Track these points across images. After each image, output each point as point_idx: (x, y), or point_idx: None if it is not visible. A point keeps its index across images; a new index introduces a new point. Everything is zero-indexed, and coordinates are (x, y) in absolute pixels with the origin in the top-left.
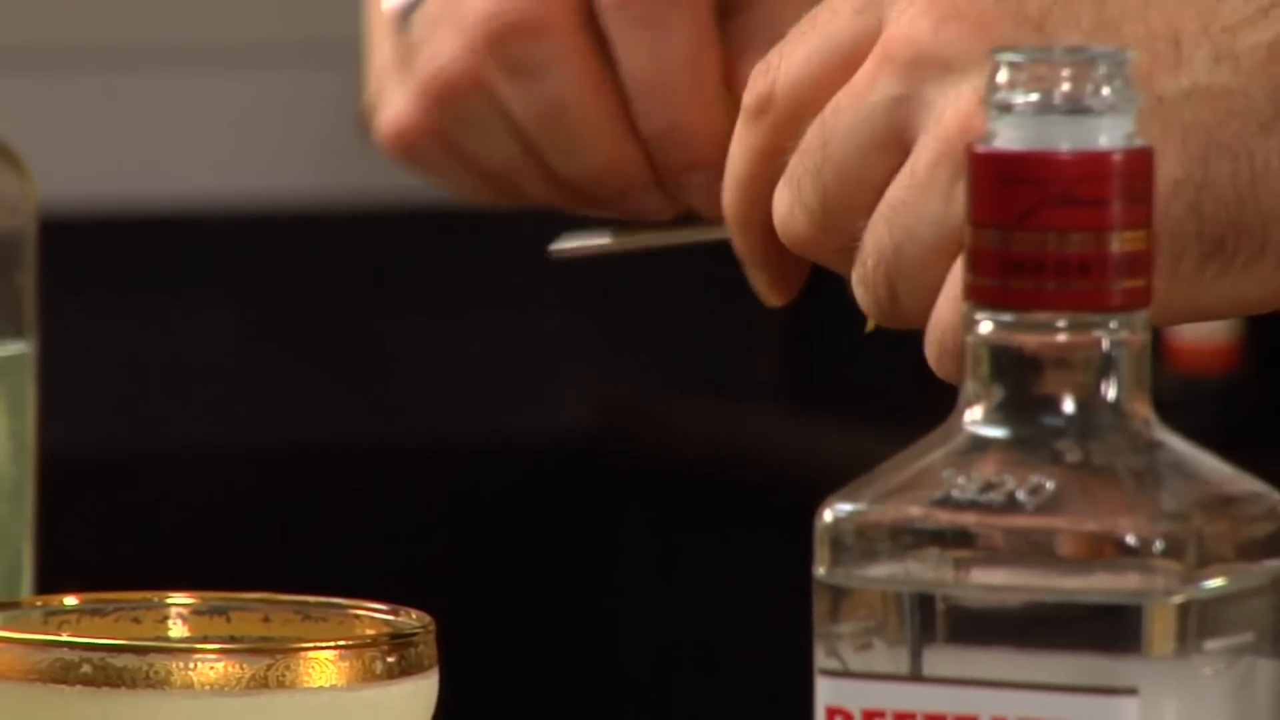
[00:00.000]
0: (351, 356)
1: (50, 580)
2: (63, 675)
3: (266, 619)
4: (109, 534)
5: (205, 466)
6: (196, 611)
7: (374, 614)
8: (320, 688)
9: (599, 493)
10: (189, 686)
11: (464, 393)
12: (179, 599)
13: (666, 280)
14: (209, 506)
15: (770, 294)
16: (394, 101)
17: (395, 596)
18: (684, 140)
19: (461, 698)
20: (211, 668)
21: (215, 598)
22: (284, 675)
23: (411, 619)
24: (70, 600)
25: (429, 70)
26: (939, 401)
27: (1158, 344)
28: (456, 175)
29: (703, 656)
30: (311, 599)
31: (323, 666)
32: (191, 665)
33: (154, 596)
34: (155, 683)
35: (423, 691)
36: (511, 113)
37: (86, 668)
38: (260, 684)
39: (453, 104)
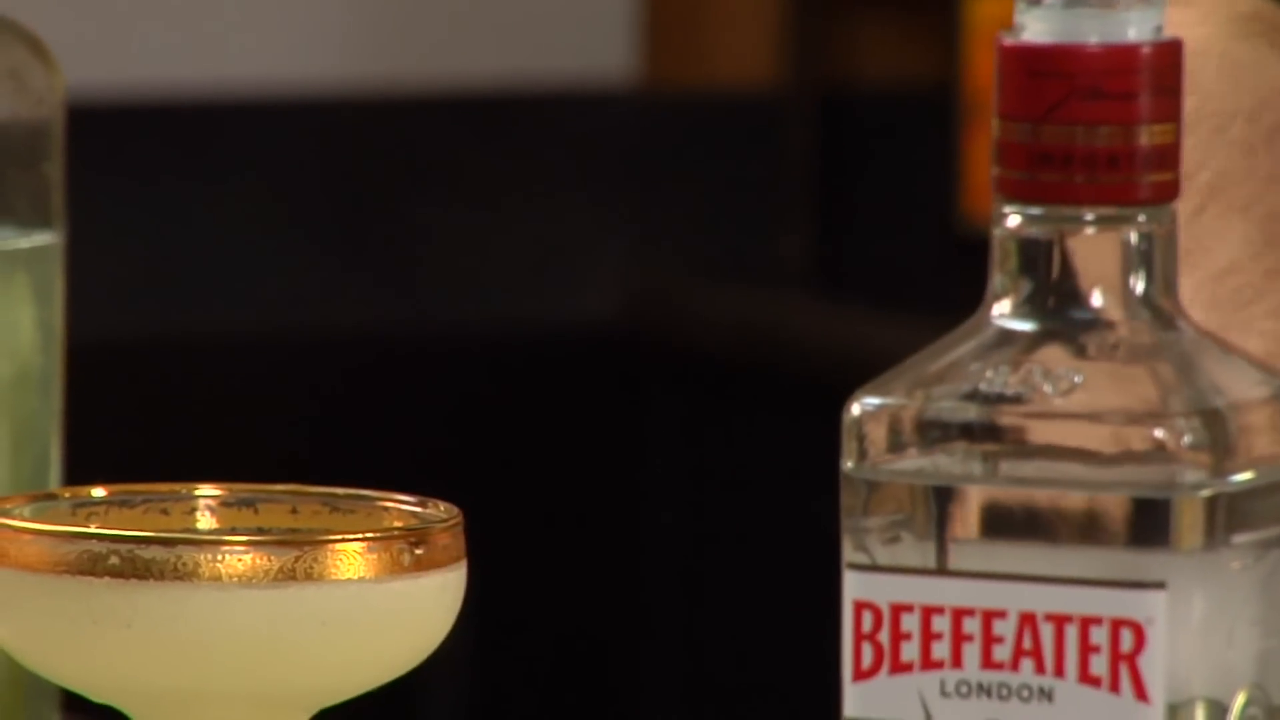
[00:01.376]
0: (379, 244)
1: (78, 472)
2: (90, 567)
3: (294, 511)
4: (137, 425)
5: (233, 356)
6: (224, 503)
7: (402, 506)
8: (348, 580)
9: (626, 381)
10: (217, 578)
11: (492, 281)
12: (207, 490)
13: (695, 166)
14: (237, 396)
15: None
16: None
17: (423, 488)
18: None
19: (489, 590)
20: (239, 560)
21: (243, 489)
22: (311, 567)
23: (439, 511)
24: (98, 492)
25: None
26: (967, 288)
27: None
28: None
29: (731, 546)
30: (339, 491)
31: (350, 559)
32: (219, 557)
33: (182, 488)
34: (183, 575)
35: (450, 584)
36: None
37: (114, 560)
38: (288, 576)
39: None
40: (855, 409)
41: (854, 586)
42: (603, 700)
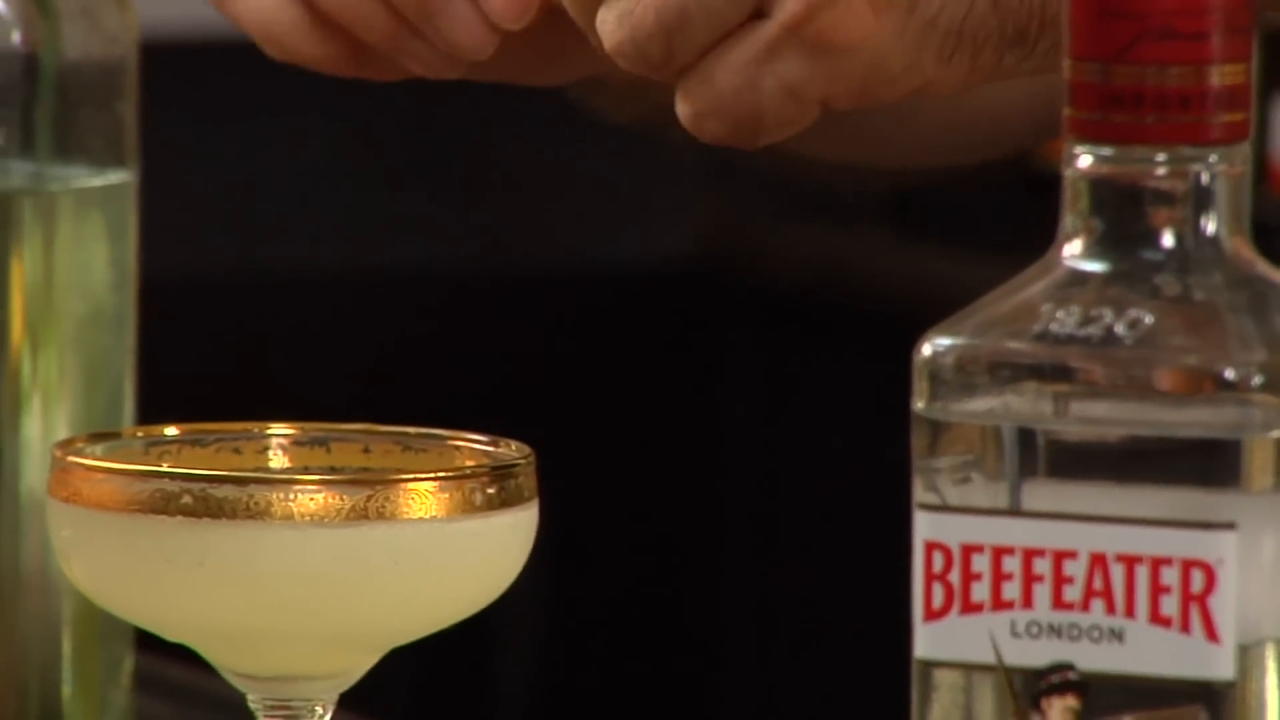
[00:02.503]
0: (453, 181)
1: (151, 410)
2: (163, 506)
3: (366, 450)
4: (210, 363)
5: (307, 293)
6: (297, 442)
7: (474, 445)
8: (420, 519)
9: (701, 318)
10: (289, 517)
11: (567, 217)
12: (279, 429)
13: None
14: (310, 334)
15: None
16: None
17: (496, 426)
18: None
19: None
20: (311, 499)
21: (315, 428)
22: (383, 506)
23: (511, 450)
24: (171, 431)
25: None
26: (1043, 226)
27: (1260, 168)
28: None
29: (804, 484)
30: (411, 430)
31: (422, 498)
32: (291, 496)
33: (254, 427)
34: (255, 513)
35: (522, 523)
36: None
37: (187, 499)
38: (360, 515)
39: None
40: (926, 349)
41: (925, 527)
42: (678, 638)
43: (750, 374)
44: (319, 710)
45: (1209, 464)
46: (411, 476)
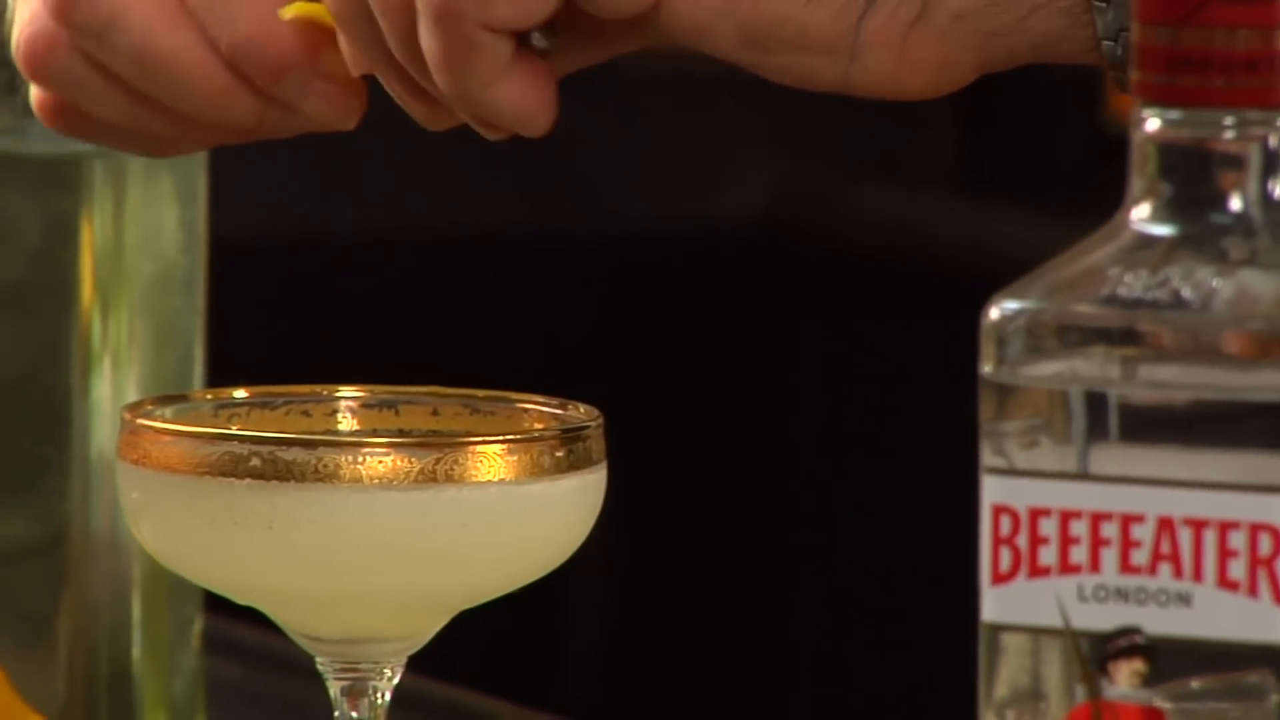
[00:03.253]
0: (524, 143)
1: (220, 372)
2: (232, 468)
3: (435, 412)
4: (279, 325)
5: (376, 255)
6: (365, 405)
7: (543, 408)
8: (488, 482)
9: (771, 281)
10: (357, 480)
11: (637, 181)
12: (348, 392)
13: None
14: (379, 297)
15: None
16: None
17: (565, 389)
18: (264, 43)
19: (631, 491)
20: (380, 461)
21: (384, 391)
22: (452, 469)
23: (580, 413)
24: (240, 393)
25: (20, 45)
26: (1114, 188)
27: None
28: (95, 135)
29: (873, 446)
30: (480, 393)
31: (491, 461)
32: (360, 459)
33: (323, 390)
34: (324, 476)
35: (591, 486)
36: (107, 68)
37: (256, 461)
38: (428, 478)
39: (53, 74)
40: (994, 313)
41: (992, 491)
42: (748, 601)
43: (817, 336)
44: (387, 672)
45: (1276, 427)
46: (480, 439)
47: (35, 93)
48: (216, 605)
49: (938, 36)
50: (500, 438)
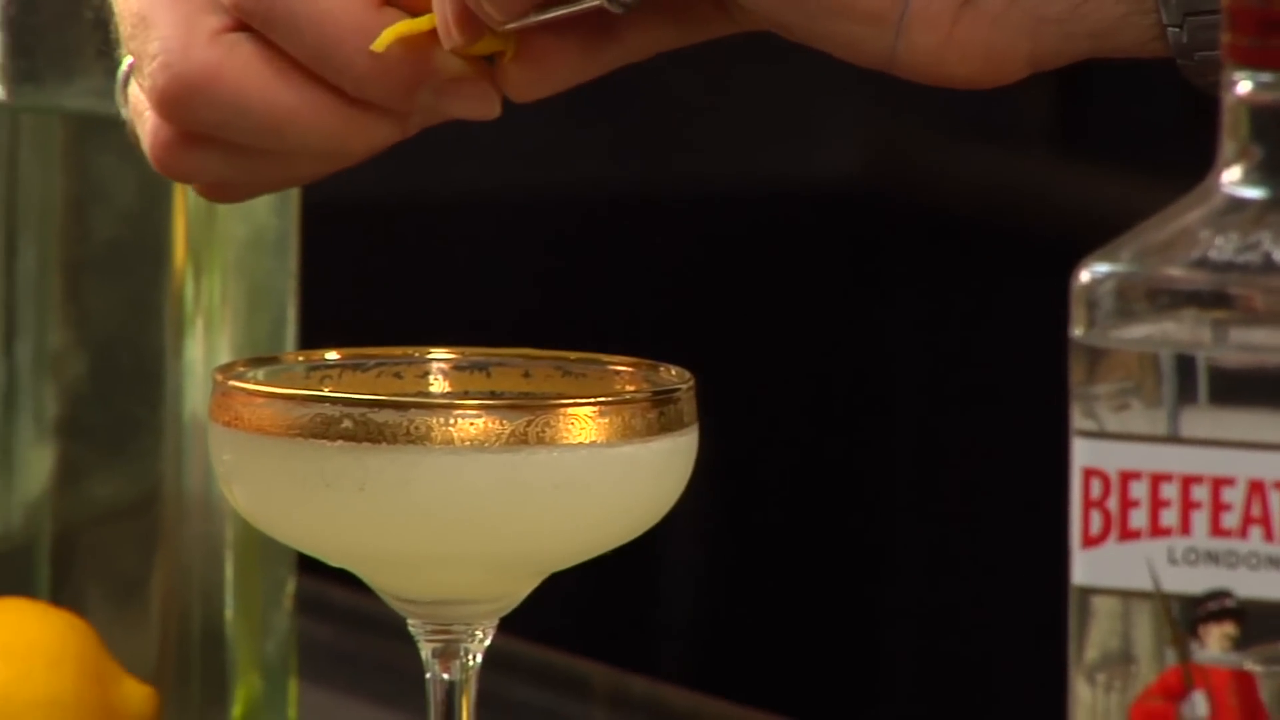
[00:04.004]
0: (618, 102)
1: (313, 334)
2: (323, 430)
3: (527, 374)
4: (371, 286)
5: (469, 216)
6: (457, 367)
7: (634, 370)
8: (579, 444)
9: (866, 240)
10: (449, 442)
11: (731, 139)
12: (440, 354)
13: None
14: (472, 258)
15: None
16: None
17: (658, 351)
18: (382, 75)
19: (723, 454)
20: (471, 423)
21: (476, 353)
22: (543, 431)
23: (672, 375)
24: (332, 355)
25: (149, 149)
26: (1212, 150)
27: None
28: (259, 193)
29: (967, 407)
30: (572, 354)
31: (582, 423)
32: (451, 421)
33: (415, 352)
34: (415, 438)
35: (682, 448)
36: (236, 146)
37: (347, 423)
38: (520, 440)
39: (192, 173)
40: (1084, 276)
41: (1083, 454)
42: (842, 562)
43: (913, 296)
44: (479, 634)
45: None
46: (572, 401)
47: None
48: (309, 566)
49: (988, 21)
50: (591, 400)
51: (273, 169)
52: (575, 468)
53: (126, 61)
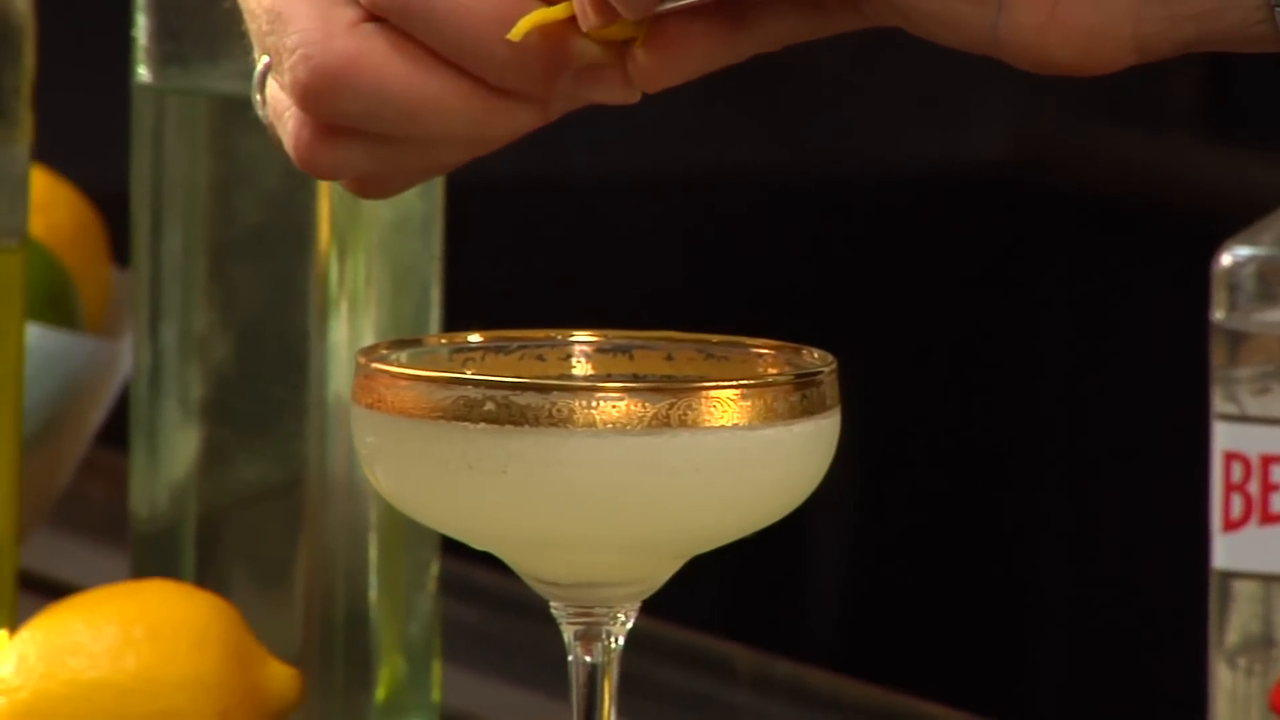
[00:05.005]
0: (758, 84)
1: (457, 315)
2: (466, 413)
3: (669, 357)
4: (516, 269)
5: (612, 199)
6: (600, 350)
7: (777, 352)
8: (721, 427)
9: (1012, 223)
10: (591, 425)
11: (875, 122)
12: (583, 337)
13: None
14: (615, 240)
15: None
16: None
17: (800, 333)
18: (523, 64)
19: (868, 436)
20: (614, 406)
21: (619, 336)
22: (686, 414)
23: (814, 358)
24: (475, 338)
25: (292, 149)
26: None
27: None
28: (404, 186)
29: (1111, 391)
30: (714, 337)
31: (725, 406)
32: (594, 404)
33: (558, 334)
34: (558, 421)
35: (825, 430)
36: (378, 137)
37: (490, 405)
38: (662, 423)
39: (334, 169)
40: (1225, 259)
41: (1223, 437)
42: (985, 544)
43: (1057, 278)
44: (621, 617)
45: None
46: (714, 384)
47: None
48: (453, 548)
49: (1091, 2)
50: (734, 383)
51: (415, 158)
52: (717, 450)
53: (262, 61)
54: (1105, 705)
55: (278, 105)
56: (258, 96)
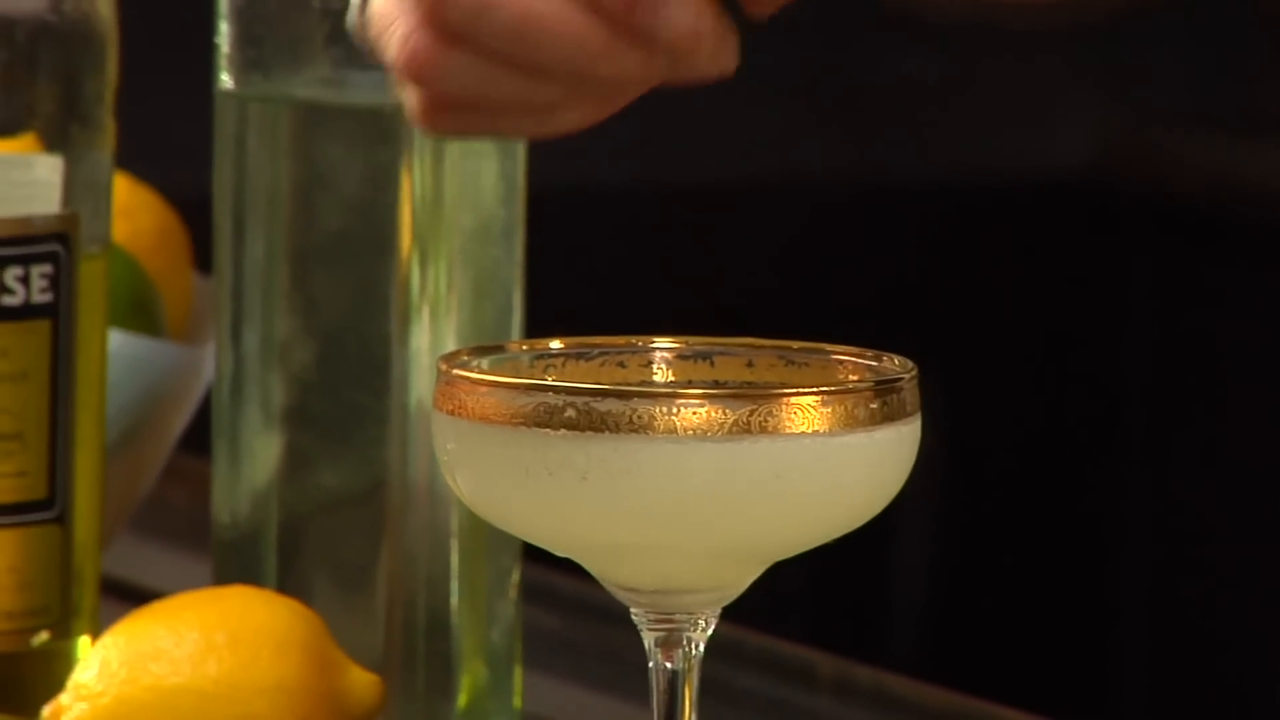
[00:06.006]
0: (840, 92)
1: (538, 322)
2: (547, 419)
3: (750, 364)
4: (596, 275)
5: (692, 206)
6: (680, 356)
7: (857, 359)
8: (802, 433)
9: (1098, 230)
10: (672, 431)
11: (959, 126)
12: (663, 343)
13: (1174, 7)
14: (696, 247)
15: None
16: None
17: (881, 340)
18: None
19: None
20: (694, 413)
21: (699, 342)
22: (766, 420)
23: (895, 364)
24: (555, 344)
25: (399, 59)
26: None
27: None
28: (482, 126)
29: (1203, 400)
30: (795, 344)
31: (805, 412)
32: (674, 410)
33: (638, 341)
34: (638, 427)
35: (905, 437)
36: (486, 52)
37: (571, 412)
38: (743, 429)
39: (437, 76)
40: None
41: None
42: (1070, 551)
43: (1146, 285)
44: (702, 623)
45: None
46: (794, 391)
47: (411, 99)
48: (534, 555)
49: None
50: (814, 389)
51: (515, 89)
52: (797, 457)
53: None
54: (1191, 713)
55: (385, 17)
56: (358, 20)
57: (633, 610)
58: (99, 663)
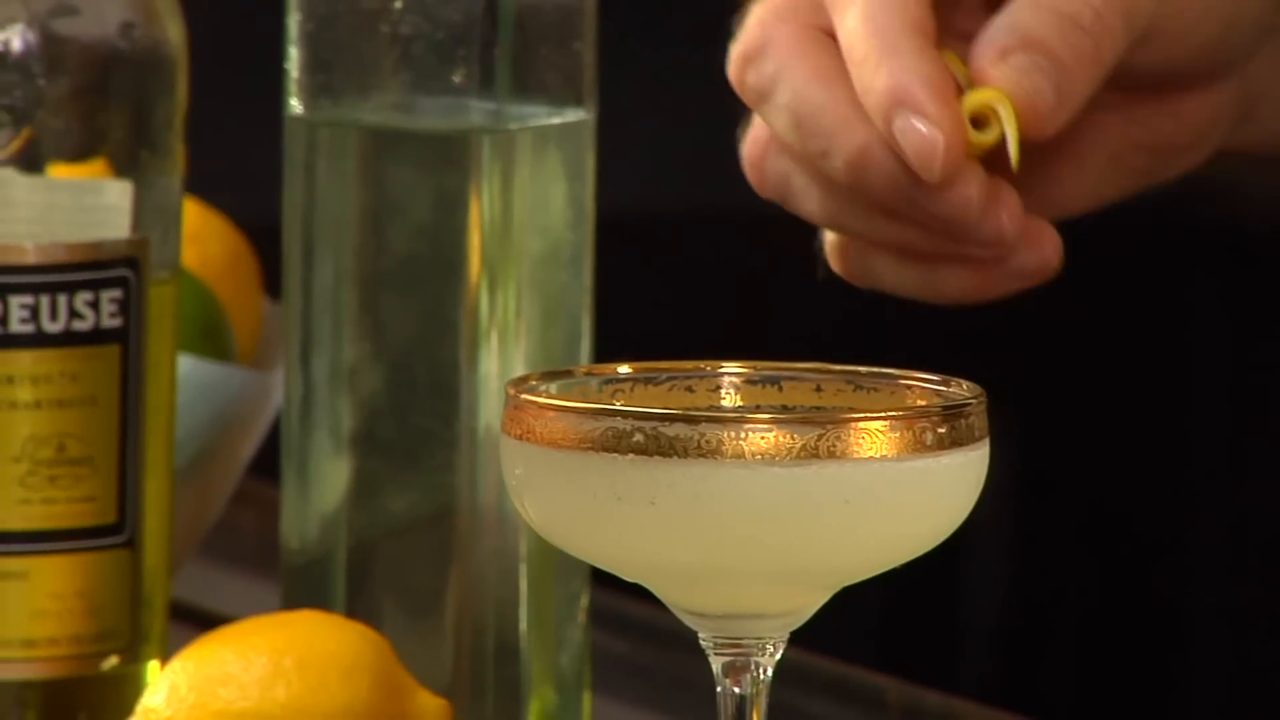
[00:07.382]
0: None
1: (607, 347)
2: (615, 444)
3: (818, 389)
4: (665, 300)
5: (762, 231)
6: (749, 381)
7: (925, 384)
8: (870, 458)
9: (1166, 257)
10: (740, 456)
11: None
12: (732, 368)
13: None
14: (765, 272)
15: None
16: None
17: (949, 366)
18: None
19: (1022, 468)
20: (763, 437)
21: (768, 367)
22: (834, 445)
23: (963, 390)
24: (624, 369)
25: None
26: None
27: None
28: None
29: (1268, 422)
30: (863, 369)
31: (873, 437)
32: (743, 435)
33: (707, 365)
34: (706, 452)
35: (973, 462)
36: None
37: (639, 436)
38: (811, 454)
39: (766, 175)
40: None
41: None
42: (1142, 576)
43: (1215, 314)
44: (770, 648)
45: None
46: (863, 416)
47: (829, 237)
48: (603, 580)
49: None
50: (882, 414)
51: (821, 201)
52: (865, 482)
53: None
54: None
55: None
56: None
57: (701, 635)
58: (168, 687)
